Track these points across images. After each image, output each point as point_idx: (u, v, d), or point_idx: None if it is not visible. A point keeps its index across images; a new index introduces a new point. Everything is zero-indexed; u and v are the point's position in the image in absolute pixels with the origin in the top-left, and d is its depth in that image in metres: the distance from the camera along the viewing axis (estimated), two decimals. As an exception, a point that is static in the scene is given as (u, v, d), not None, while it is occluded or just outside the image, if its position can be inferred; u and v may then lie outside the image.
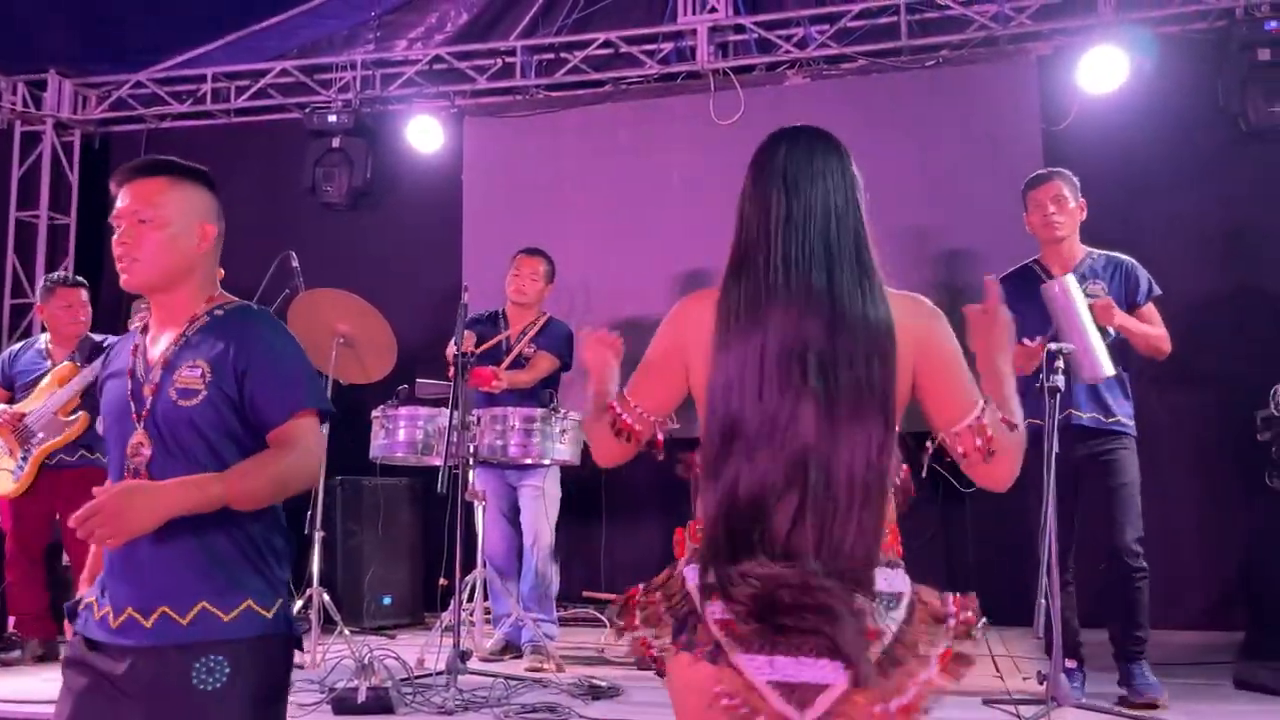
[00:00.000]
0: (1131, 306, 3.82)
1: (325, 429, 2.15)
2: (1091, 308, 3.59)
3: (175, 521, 1.79)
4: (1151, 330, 3.81)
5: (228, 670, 1.84)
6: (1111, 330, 3.67)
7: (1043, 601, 3.21)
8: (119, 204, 1.98)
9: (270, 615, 1.91)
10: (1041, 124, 5.59)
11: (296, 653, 2.00)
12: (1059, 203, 3.84)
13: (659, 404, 1.80)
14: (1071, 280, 3.61)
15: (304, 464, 1.94)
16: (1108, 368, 3.54)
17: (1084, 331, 3.52)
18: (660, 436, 1.82)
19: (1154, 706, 3.54)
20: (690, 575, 1.62)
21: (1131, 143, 5.42)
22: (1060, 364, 3.41)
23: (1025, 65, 5.77)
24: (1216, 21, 5.56)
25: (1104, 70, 5.41)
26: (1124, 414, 3.78)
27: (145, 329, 2.06)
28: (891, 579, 1.59)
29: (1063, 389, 3.40)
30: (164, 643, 1.85)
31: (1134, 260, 3.92)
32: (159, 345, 1.99)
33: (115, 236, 1.97)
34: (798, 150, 1.71)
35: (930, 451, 1.84)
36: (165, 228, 1.95)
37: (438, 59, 6.68)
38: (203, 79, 6.99)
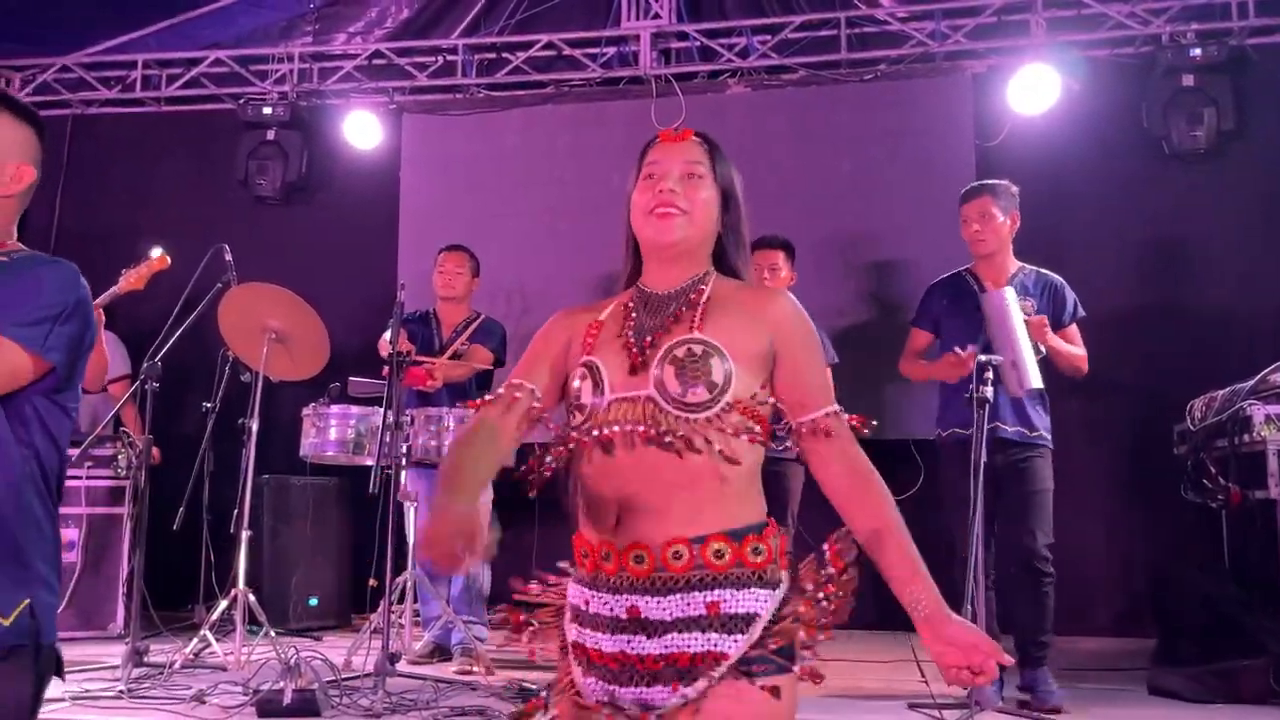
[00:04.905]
0: (1056, 325, 3.93)
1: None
2: (1027, 323, 3.68)
3: None
4: (1075, 350, 3.93)
5: None
6: (1042, 348, 3.77)
7: (968, 607, 3.27)
8: None
9: (8, 623, 1.56)
10: (975, 140, 5.71)
11: (218, 654, 1.80)
12: (984, 219, 3.93)
13: None
14: (1011, 293, 3.69)
15: None
16: (1037, 380, 3.61)
17: (1018, 344, 3.59)
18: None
19: (1058, 712, 3.61)
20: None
21: (1060, 161, 5.56)
22: (990, 375, 3.47)
23: (960, 82, 5.90)
24: (1143, 47, 5.74)
25: (1036, 90, 5.56)
26: (1044, 427, 3.88)
27: None
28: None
29: (991, 400, 3.47)
30: None
31: (1063, 280, 4.03)
32: None
33: None
34: None
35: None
36: None
37: (377, 54, 6.61)
38: (133, 65, 6.82)
